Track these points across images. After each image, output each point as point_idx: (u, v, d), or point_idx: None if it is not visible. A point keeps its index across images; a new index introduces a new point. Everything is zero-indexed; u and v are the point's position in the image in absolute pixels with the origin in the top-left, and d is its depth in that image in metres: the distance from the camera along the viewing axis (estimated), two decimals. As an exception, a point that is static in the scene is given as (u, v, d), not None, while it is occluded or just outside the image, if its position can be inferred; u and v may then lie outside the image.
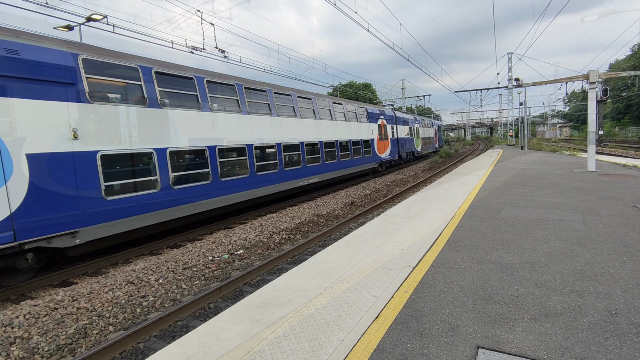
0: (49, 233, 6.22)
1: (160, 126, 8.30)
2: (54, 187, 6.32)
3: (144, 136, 7.89)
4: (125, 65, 7.76)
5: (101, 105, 7.17)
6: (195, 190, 9.03)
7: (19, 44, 6.09)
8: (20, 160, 5.88)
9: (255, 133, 11.36)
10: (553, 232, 5.49)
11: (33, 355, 4.37)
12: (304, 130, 14.03)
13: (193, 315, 5.23)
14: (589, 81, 12.85)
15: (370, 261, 4.68)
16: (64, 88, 6.56)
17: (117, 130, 7.38)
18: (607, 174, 11.87)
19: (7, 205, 5.67)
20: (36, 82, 6.19)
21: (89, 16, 12.21)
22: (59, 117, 6.45)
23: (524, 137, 29.91)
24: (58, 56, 6.57)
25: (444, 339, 2.84)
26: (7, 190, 5.68)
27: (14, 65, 5.91)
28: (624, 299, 3.29)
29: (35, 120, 6.13)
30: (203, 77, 9.71)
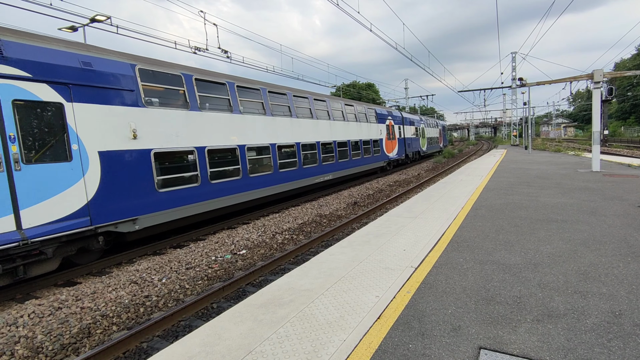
0: (116, 219, 7.25)
1: (200, 127, 9.31)
2: (119, 179, 7.34)
3: (187, 136, 8.91)
4: (171, 73, 8.80)
5: (153, 109, 8.18)
6: (229, 185, 10.05)
7: (91, 56, 7.10)
8: (94, 157, 6.93)
9: (278, 133, 12.34)
10: (556, 233, 5.46)
11: (37, 354, 4.40)
12: (319, 131, 14.97)
13: (196, 315, 5.25)
14: (594, 80, 12.77)
15: (372, 261, 4.68)
16: (125, 94, 7.60)
17: (165, 131, 8.39)
18: (611, 174, 11.79)
19: (85, 194, 6.73)
20: (105, 90, 7.22)
21: (93, 17, 12.28)
22: (122, 119, 7.49)
23: (528, 137, 29.76)
24: (121, 67, 7.63)
25: (446, 339, 2.84)
26: (85, 182, 6.73)
27: (88, 75, 6.94)
28: (628, 300, 3.27)
29: (105, 122, 7.16)
30: (234, 83, 10.73)
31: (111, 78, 7.37)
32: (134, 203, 7.57)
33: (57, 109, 6.48)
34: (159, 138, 8.20)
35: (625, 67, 57.14)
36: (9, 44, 5.99)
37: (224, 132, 10.07)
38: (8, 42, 5.98)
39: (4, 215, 5.66)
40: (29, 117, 6.12)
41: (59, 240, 6.35)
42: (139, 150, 7.73)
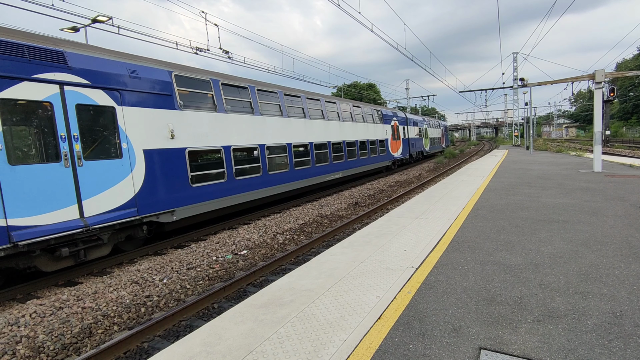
0: (158, 210, 8.04)
1: (226, 127, 10.08)
2: (159, 175, 8.11)
3: (215, 136, 9.70)
4: (201, 78, 9.60)
5: (187, 111, 8.94)
6: (251, 181, 10.88)
7: (136, 65, 7.89)
8: (140, 155, 7.70)
9: (293, 133, 13.11)
10: (558, 233, 5.46)
11: (39, 354, 4.42)
12: (330, 131, 15.78)
13: (197, 315, 5.26)
14: (595, 81, 12.74)
15: (373, 262, 4.68)
16: (164, 98, 8.39)
17: (197, 131, 9.16)
18: (613, 175, 11.77)
19: (133, 188, 7.50)
20: (148, 94, 8.01)
21: (95, 18, 12.31)
22: (162, 121, 8.27)
23: (530, 138, 29.72)
24: (160, 74, 8.42)
25: (447, 340, 2.83)
26: (133, 177, 7.50)
27: (135, 82, 7.73)
28: (629, 301, 3.26)
29: (148, 124, 7.93)
30: (254, 86, 11.53)
31: (153, 84, 8.17)
32: (172, 196, 8.39)
33: (110, 112, 7.27)
34: (192, 138, 9.00)
35: (627, 68, 57.01)
36: (73, 55, 6.77)
37: (246, 132, 10.86)
38: (72, 54, 6.77)
39: (69, 205, 6.46)
40: (88, 119, 6.92)
41: (112, 228, 7.20)
42: (176, 149, 8.55)
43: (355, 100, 29.21)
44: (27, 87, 6.07)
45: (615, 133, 54.54)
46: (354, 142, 17.92)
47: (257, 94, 11.53)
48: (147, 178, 7.79)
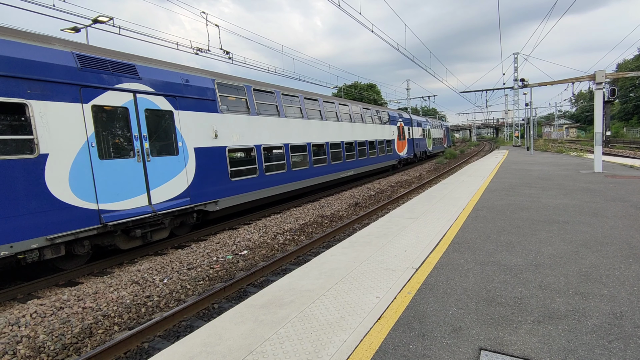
0: (206, 200, 9.22)
1: (257, 128, 11.31)
2: (207, 170, 9.27)
3: (249, 136, 10.91)
4: (237, 85, 10.82)
5: (227, 114, 10.13)
6: (277, 177, 12.04)
7: (188, 74, 9.12)
8: (192, 152, 8.89)
9: (312, 134, 14.32)
10: (558, 234, 5.46)
11: (39, 354, 4.42)
12: (343, 132, 17.05)
13: (197, 316, 5.27)
14: (596, 81, 12.74)
15: (373, 262, 4.68)
16: (209, 103, 9.55)
17: (235, 131, 10.37)
18: (613, 175, 11.76)
19: (187, 180, 8.70)
20: (197, 100, 9.16)
21: (95, 18, 12.33)
22: (208, 122, 9.44)
23: (530, 138, 29.71)
24: (206, 82, 9.61)
25: (447, 340, 2.84)
26: (186, 171, 8.71)
27: (187, 89, 8.92)
28: (629, 302, 3.26)
29: (197, 125, 9.11)
30: (279, 91, 12.72)
31: (200, 91, 9.34)
32: (216, 188, 9.56)
33: (169, 115, 8.42)
34: (231, 137, 10.22)
35: (628, 68, 56.97)
36: (141, 67, 7.95)
37: (273, 132, 12.06)
38: (140, 66, 7.94)
39: (141, 194, 7.65)
40: (153, 122, 8.03)
41: (172, 214, 8.35)
42: (218, 147, 9.75)
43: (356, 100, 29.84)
44: (110, 95, 7.25)
45: (616, 134, 54.49)
46: (364, 142, 19.17)
47: (282, 98, 12.79)
48: (197, 172, 9.03)
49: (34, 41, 6.36)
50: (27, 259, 6.04)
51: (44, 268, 6.98)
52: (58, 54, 6.62)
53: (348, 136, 17.39)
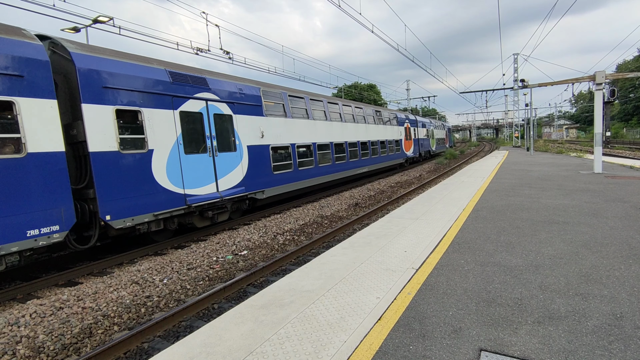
0: (256, 189, 11.06)
1: (292, 129, 13.06)
2: (256, 164, 11.13)
3: (286, 135, 12.71)
4: (276, 92, 12.57)
5: (269, 117, 11.96)
6: (307, 172, 13.83)
7: (241, 84, 10.96)
8: (245, 149, 10.74)
9: (333, 134, 16.13)
10: (558, 235, 5.45)
11: (39, 354, 4.42)
12: (359, 132, 18.79)
13: (197, 316, 5.26)
14: (596, 82, 12.74)
15: (373, 263, 4.68)
16: (257, 108, 11.38)
17: (275, 132, 12.16)
18: (613, 176, 11.76)
19: (242, 172, 10.51)
20: (248, 105, 11.01)
21: (96, 18, 12.33)
22: (256, 124, 11.29)
23: (530, 139, 29.70)
24: (254, 90, 11.45)
25: (447, 341, 2.83)
26: (242, 165, 10.54)
27: (241, 97, 10.74)
28: (629, 303, 3.26)
29: (249, 126, 10.95)
30: (308, 96, 14.58)
31: (251, 98, 11.14)
32: (263, 180, 11.36)
33: (229, 119, 10.22)
34: (273, 137, 11.99)
35: (628, 69, 56.99)
36: (210, 80, 9.75)
37: (304, 133, 13.80)
38: (209, 79, 9.75)
39: (212, 182, 9.47)
40: (219, 124, 9.81)
41: (232, 200, 10.15)
42: (264, 145, 11.57)
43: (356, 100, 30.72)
44: (191, 103, 8.99)
45: (616, 134, 54.50)
46: (377, 142, 21.03)
47: (310, 102, 14.60)
48: (249, 166, 10.83)
49: (140, 61, 8.11)
50: (141, 229, 7.89)
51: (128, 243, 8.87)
52: (157, 72, 8.36)
53: (363, 136, 19.16)
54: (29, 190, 6.01)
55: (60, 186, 6.40)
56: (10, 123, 5.86)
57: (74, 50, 6.97)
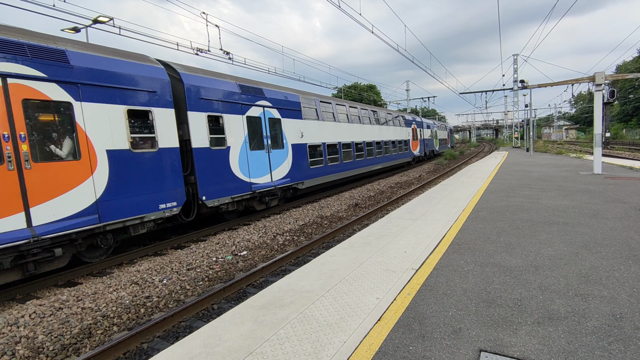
0: (297, 181, 13.17)
1: (322, 130, 15.31)
2: (298, 160, 13.25)
3: (318, 135, 14.93)
4: (311, 98, 14.84)
5: (306, 120, 14.10)
6: (334, 167, 16.09)
7: (286, 92, 13.15)
8: (289, 147, 12.85)
9: (354, 135, 18.41)
10: (558, 235, 5.46)
11: (38, 354, 4.41)
12: (375, 133, 21.19)
13: (196, 316, 5.26)
14: (595, 83, 12.75)
15: (373, 263, 4.68)
16: (297, 112, 13.52)
17: (311, 133, 14.31)
18: (613, 177, 11.77)
19: (288, 166, 12.65)
20: (291, 110, 13.09)
21: (96, 18, 12.33)
22: (297, 126, 13.41)
23: (530, 139, 29.71)
24: (295, 97, 13.59)
25: (447, 341, 2.83)
26: (288, 160, 12.62)
27: (287, 103, 12.92)
28: (629, 303, 3.26)
29: (292, 128, 13.08)
30: (334, 101, 16.99)
31: (293, 104, 13.26)
32: (302, 173, 13.47)
33: (279, 122, 12.40)
34: (309, 137, 14.14)
35: (627, 70, 57.02)
36: (265, 90, 11.87)
37: (332, 133, 16.07)
38: (265, 89, 11.85)
39: (267, 174, 11.64)
40: (272, 126, 11.98)
41: (281, 189, 12.40)
42: (303, 144, 13.71)
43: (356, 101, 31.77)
44: (253, 109, 11.16)
45: (616, 135, 54.53)
46: (389, 142, 23.46)
47: (335, 107, 16.84)
48: (293, 161, 12.95)
49: (219, 77, 10.32)
50: (222, 208, 10.05)
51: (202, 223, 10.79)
52: (232, 85, 10.54)
53: (377, 137, 21.52)
54: (160, 176, 8.15)
55: (177, 173, 8.55)
56: (149, 126, 8.00)
57: (182, 71, 9.09)
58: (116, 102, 7.40)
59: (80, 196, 6.66)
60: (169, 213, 8.29)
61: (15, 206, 5.80)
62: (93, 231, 6.94)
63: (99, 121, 7.06)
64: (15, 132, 5.88)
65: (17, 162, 5.86)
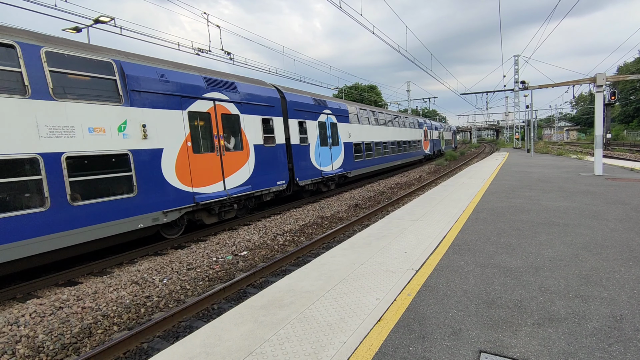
0: (347, 170, 16.75)
1: (361, 131, 19.06)
2: (348, 154, 17.01)
3: (359, 136, 18.62)
4: (354, 106, 18.63)
5: (352, 124, 17.83)
6: (370, 160, 19.99)
7: (342, 102, 17.38)
8: (342, 144, 16.60)
9: (383, 136, 22.38)
10: (558, 236, 5.45)
11: (38, 353, 4.42)
12: (396, 134, 25.18)
13: (196, 316, 5.26)
14: (596, 84, 12.74)
15: (373, 264, 4.68)
16: (346, 117, 17.32)
17: (354, 133, 18.02)
18: (614, 178, 11.76)
19: (342, 159, 16.40)
20: (343, 117, 16.91)
21: (97, 18, 12.34)
22: (346, 129, 17.14)
23: (530, 140, 29.69)
24: (344, 106, 17.35)
25: (447, 342, 2.83)
26: (342, 154, 16.46)
27: (340, 111, 16.75)
28: (629, 305, 3.26)
29: (343, 130, 16.83)
30: (369, 108, 21.17)
31: (344, 111, 17.20)
32: (350, 165, 17.35)
33: (335, 126, 16.12)
34: (353, 137, 17.99)
35: (628, 71, 56.94)
36: (328, 102, 15.87)
37: (367, 134, 19.89)
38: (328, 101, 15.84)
39: (329, 164, 15.39)
40: (333, 129, 15.83)
41: (338, 176, 16.15)
42: (350, 142, 17.52)
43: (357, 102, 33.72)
44: (321, 116, 14.88)
45: (616, 136, 54.46)
46: (407, 142, 27.54)
47: (369, 113, 20.80)
48: (344, 155, 16.80)
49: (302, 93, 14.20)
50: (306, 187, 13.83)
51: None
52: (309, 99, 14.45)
53: (398, 137, 25.46)
54: (277, 162, 12.02)
55: (284, 161, 12.40)
56: (271, 129, 11.84)
57: (284, 91, 13.03)
58: (257, 114, 11.27)
59: (243, 173, 10.58)
60: (281, 187, 12.27)
61: (219, 177, 9.71)
62: (248, 196, 10.88)
63: (250, 126, 10.94)
64: (219, 134, 9.72)
65: (220, 151, 9.75)
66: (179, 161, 8.46)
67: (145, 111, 7.80)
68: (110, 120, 7.12)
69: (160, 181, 8.00)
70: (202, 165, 9.06)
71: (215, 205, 9.57)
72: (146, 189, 7.71)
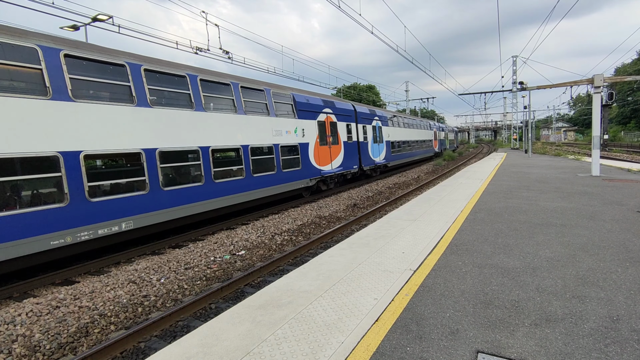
0: (387, 162, 22.90)
1: (395, 132, 24.81)
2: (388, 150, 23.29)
3: (392, 135, 24.16)
4: (389, 113, 25.28)
5: (389, 127, 23.67)
6: (400, 155, 25.59)
7: (383, 111, 24.42)
8: (385, 142, 22.95)
9: (407, 135, 28.21)
10: (555, 237, 5.47)
11: (35, 353, 4.40)
12: (415, 134, 30.66)
13: (194, 316, 5.25)
14: (594, 85, 12.79)
15: (371, 264, 4.68)
16: (386, 122, 23.46)
17: (389, 134, 23.73)
18: (611, 179, 11.80)
19: (385, 153, 22.60)
20: (384, 121, 23.05)
21: (95, 16, 12.29)
22: (386, 131, 23.14)
23: (528, 141, 29.76)
24: (385, 113, 24.09)
25: (444, 343, 2.84)
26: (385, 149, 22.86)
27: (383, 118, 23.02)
28: (626, 305, 3.27)
29: (385, 131, 22.95)
30: (397, 114, 27.06)
31: (385, 117, 23.13)
32: (389, 157, 23.07)
33: (380, 128, 21.94)
34: (390, 136, 23.55)
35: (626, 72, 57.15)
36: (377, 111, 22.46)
37: (396, 134, 24.93)
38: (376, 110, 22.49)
39: (378, 156, 21.75)
40: (378, 131, 21.61)
41: (383, 164, 22.37)
42: (388, 141, 23.30)
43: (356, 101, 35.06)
44: (374, 122, 21.14)
45: (614, 137, 54.63)
46: (422, 140, 33.55)
47: (399, 117, 26.61)
48: (386, 151, 22.43)
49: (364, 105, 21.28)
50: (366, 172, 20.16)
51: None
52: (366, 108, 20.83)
53: (417, 137, 31.28)
54: (354, 153, 17.90)
55: (357, 152, 18.26)
56: (350, 131, 17.71)
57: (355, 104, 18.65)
58: (344, 121, 17.08)
59: (339, 159, 16.27)
60: (354, 170, 17.96)
61: (329, 160, 15.49)
62: (341, 173, 16.54)
63: (341, 129, 16.73)
64: (329, 134, 15.47)
65: (329, 145, 15.51)
66: (314, 150, 14.32)
67: (302, 121, 13.76)
68: (290, 126, 12.93)
69: (309, 161, 13.96)
70: (323, 153, 14.98)
71: (327, 178, 15.40)
72: (305, 165, 13.62)
